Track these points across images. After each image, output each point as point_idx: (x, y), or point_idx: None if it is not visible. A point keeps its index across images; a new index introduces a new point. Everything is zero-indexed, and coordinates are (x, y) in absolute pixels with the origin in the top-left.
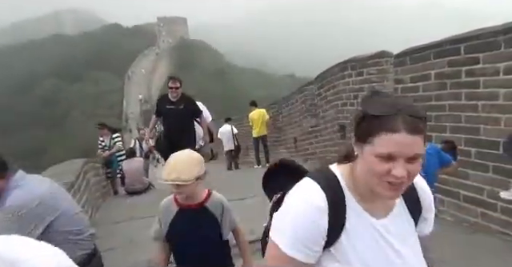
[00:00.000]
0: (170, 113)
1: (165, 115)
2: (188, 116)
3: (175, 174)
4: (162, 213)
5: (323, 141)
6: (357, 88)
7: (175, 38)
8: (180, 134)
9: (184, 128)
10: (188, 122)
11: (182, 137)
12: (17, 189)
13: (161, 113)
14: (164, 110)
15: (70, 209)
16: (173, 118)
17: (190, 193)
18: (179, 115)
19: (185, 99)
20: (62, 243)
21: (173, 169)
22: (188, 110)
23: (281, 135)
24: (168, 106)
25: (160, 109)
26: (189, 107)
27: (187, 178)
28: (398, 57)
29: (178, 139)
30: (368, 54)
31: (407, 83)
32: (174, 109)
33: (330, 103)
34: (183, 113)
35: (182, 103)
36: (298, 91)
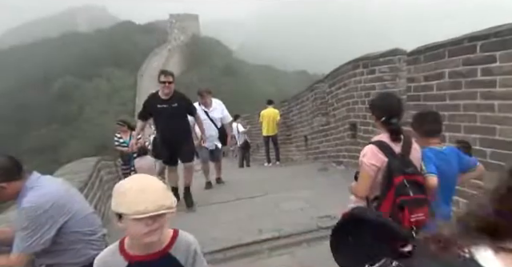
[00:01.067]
0: (164, 113)
1: (157, 116)
2: (183, 115)
3: (155, 202)
4: None
5: (334, 140)
6: (368, 86)
7: (187, 35)
8: (179, 136)
9: (182, 128)
10: (185, 122)
11: (182, 140)
12: (32, 190)
13: (151, 114)
14: (156, 110)
15: (82, 209)
16: (168, 119)
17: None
18: (174, 114)
19: (178, 96)
20: (75, 243)
21: (148, 196)
22: (182, 108)
23: (291, 133)
24: (160, 105)
25: (151, 110)
26: (183, 104)
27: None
28: (411, 54)
29: (177, 142)
30: (380, 52)
31: (420, 82)
32: (168, 109)
33: (341, 101)
34: (178, 111)
35: (175, 101)
36: (308, 89)
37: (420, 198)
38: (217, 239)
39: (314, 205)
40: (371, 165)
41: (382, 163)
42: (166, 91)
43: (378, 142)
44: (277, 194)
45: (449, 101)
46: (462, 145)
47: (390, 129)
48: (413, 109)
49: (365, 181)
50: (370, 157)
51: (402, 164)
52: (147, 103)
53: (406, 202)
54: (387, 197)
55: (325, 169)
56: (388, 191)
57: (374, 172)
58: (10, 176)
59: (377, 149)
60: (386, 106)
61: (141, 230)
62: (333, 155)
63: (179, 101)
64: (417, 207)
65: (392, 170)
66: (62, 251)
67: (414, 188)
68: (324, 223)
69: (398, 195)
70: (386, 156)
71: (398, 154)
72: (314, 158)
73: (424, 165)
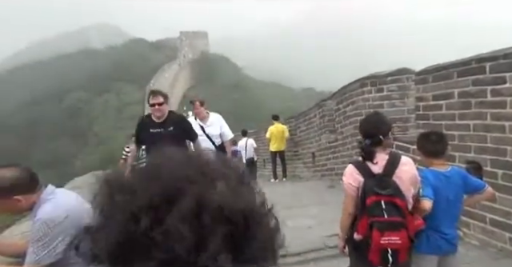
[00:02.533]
0: (156, 139)
1: (148, 142)
2: (182, 140)
3: None
4: None
5: (341, 157)
6: (377, 104)
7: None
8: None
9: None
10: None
11: None
12: (47, 202)
13: (142, 141)
14: (147, 136)
15: None
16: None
17: None
18: (169, 141)
19: (174, 118)
20: None
21: None
22: (180, 133)
23: (298, 149)
24: (152, 130)
25: (142, 135)
26: (180, 128)
27: None
28: (419, 74)
29: None
30: (388, 71)
31: (429, 101)
32: (162, 133)
33: (348, 119)
34: (174, 137)
35: (170, 124)
36: (316, 106)
37: (395, 221)
38: None
39: (322, 222)
40: (349, 185)
41: (359, 183)
42: (156, 114)
43: (356, 162)
44: (284, 211)
45: (458, 120)
46: (473, 165)
47: (361, 149)
48: (422, 127)
49: (347, 199)
50: (348, 177)
51: (378, 184)
52: (139, 127)
53: (376, 224)
54: (362, 217)
55: (332, 187)
56: (363, 211)
57: (353, 191)
58: (26, 188)
59: (354, 169)
60: (364, 127)
61: None
62: (340, 172)
63: (176, 124)
64: (390, 230)
65: (366, 191)
66: (73, 264)
67: (390, 210)
68: (332, 242)
69: (369, 216)
70: (363, 176)
71: (377, 174)
72: (321, 175)
73: (421, 187)
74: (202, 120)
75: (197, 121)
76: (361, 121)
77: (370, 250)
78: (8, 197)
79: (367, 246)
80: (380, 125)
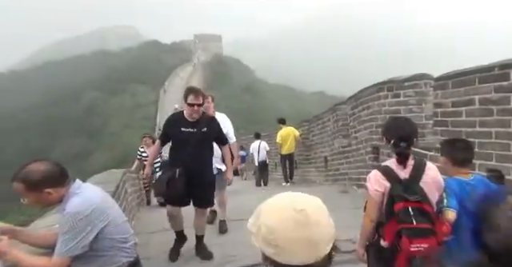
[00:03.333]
0: (187, 139)
1: (178, 141)
2: (210, 143)
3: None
4: None
5: (355, 162)
6: (393, 109)
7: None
8: (203, 171)
9: (208, 161)
10: (211, 152)
11: (205, 175)
12: (75, 196)
13: (171, 138)
14: (177, 134)
15: (117, 217)
16: (191, 146)
17: None
18: (200, 142)
19: (206, 119)
20: (110, 249)
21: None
22: (211, 134)
23: (311, 153)
24: (184, 129)
25: (172, 133)
26: (213, 130)
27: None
28: (438, 80)
29: (199, 177)
30: (406, 76)
31: (448, 107)
32: (195, 134)
33: (363, 124)
34: (207, 138)
35: (203, 124)
36: (330, 110)
37: (424, 228)
38: (237, 256)
39: (335, 227)
40: (375, 191)
41: (385, 189)
42: (194, 116)
43: (382, 167)
44: None
45: (479, 128)
46: (494, 174)
47: (398, 152)
48: (440, 134)
49: (371, 205)
50: (373, 183)
51: (406, 190)
52: (169, 124)
53: (405, 230)
54: (390, 223)
55: (345, 192)
56: (390, 218)
57: (378, 197)
58: (57, 182)
59: (380, 175)
60: (396, 129)
61: None
62: (354, 178)
63: (209, 124)
64: (419, 237)
65: (393, 197)
66: (97, 257)
67: (419, 216)
68: (345, 247)
69: (399, 222)
70: (389, 181)
71: (404, 180)
72: (333, 180)
73: (445, 198)
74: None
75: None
76: (388, 123)
77: (398, 258)
78: (40, 190)
79: (393, 253)
80: (414, 128)
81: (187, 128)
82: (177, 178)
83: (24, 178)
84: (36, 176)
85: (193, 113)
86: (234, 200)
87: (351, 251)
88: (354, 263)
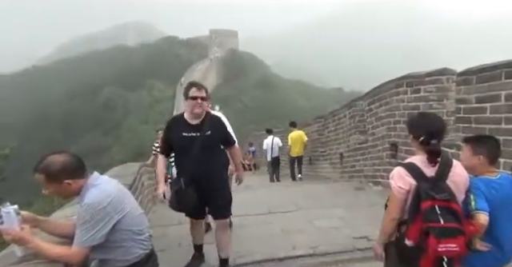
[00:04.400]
0: (192, 146)
1: (180, 148)
2: (219, 147)
3: None
4: None
5: (371, 159)
6: (412, 105)
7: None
8: (213, 179)
9: (217, 167)
10: (221, 157)
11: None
12: (93, 188)
13: (172, 147)
14: (178, 140)
15: (133, 209)
16: (197, 153)
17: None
18: (207, 147)
19: (211, 119)
20: (126, 241)
21: None
22: (217, 137)
23: (326, 150)
24: (186, 134)
25: (171, 139)
26: (218, 132)
27: None
28: (461, 75)
29: (209, 187)
30: (427, 71)
31: (472, 103)
32: (198, 139)
33: (380, 120)
34: (212, 142)
35: (207, 127)
36: (346, 106)
37: (453, 227)
38: (250, 251)
39: (350, 224)
40: (399, 188)
41: (410, 186)
42: (196, 111)
43: (406, 164)
44: (310, 210)
45: (504, 125)
46: None
47: (429, 150)
48: (462, 131)
49: (394, 203)
50: (397, 180)
51: (433, 188)
52: (168, 130)
53: (432, 230)
54: (415, 222)
55: (361, 189)
56: (416, 216)
57: (402, 195)
58: (76, 174)
59: (404, 172)
60: (426, 125)
61: None
62: (370, 174)
63: (214, 126)
64: (448, 237)
65: (420, 194)
66: (114, 248)
67: (447, 215)
68: (361, 244)
69: (425, 221)
70: (415, 179)
71: (431, 178)
72: (349, 177)
73: (473, 200)
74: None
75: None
76: (416, 120)
77: (423, 258)
78: (59, 181)
79: (418, 253)
80: (444, 124)
81: (189, 132)
82: (183, 189)
83: (44, 169)
84: (55, 167)
85: (195, 107)
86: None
87: (366, 248)
88: (369, 261)
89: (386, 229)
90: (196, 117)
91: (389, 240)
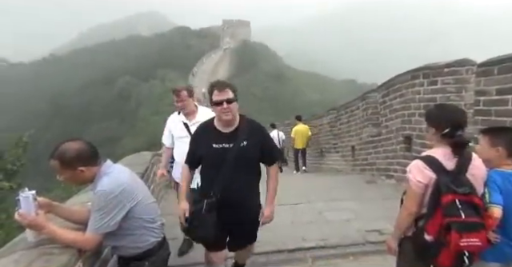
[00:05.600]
0: (221, 159)
1: (208, 162)
2: (255, 163)
3: None
4: None
5: (384, 152)
6: (428, 98)
7: (238, 41)
8: (239, 202)
9: (246, 190)
10: (254, 177)
11: (248, 209)
12: (106, 176)
13: (200, 161)
14: (207, 152)
15: (145, 198)
16: (226, 169)
17: None
18: (239, 162)
19: (248, 126)
20: (138, 229)
21: None
22: (256, 152)
23: (338, 142)
24: (216, 145)
25: (200, 150)
26: (257, 142)
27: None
28: (482, 66)
29: (234, 211)
30: (445, 62)
31: (492, 95)
32: (229, 151)
33: (395, 112)
34: (247, 158)
35: (243, 136)
36: (359, 98)
37: (474, 222)
38: (260, 242)
39: (361, 217)
40: (417, 182)
41: (430, 180)
42: (225, 118)
43: (425, 157)
44: (320, 203)
45: None
46: None
47: (455, 142)
48: (481, 124)
49: (412, 198)
50: (416, 174)
51: (454, 182)
52: (196, 139)
53: (454, 224)
54: (434, 216)
55: (373, 182)
56: (435, 210)
57: (420, 189)
58: (89, 161)
59: (423, 165)
60: (449, 117)
61: None
62: (382, 168)
63: (251, 135)
64: (469, 231)
65: (440, 188)
66: (126, 235)
67: (468, 209)
68: (373, 237)
69: (446, 216)
70: (435, 172)
71: (451, 171)
72: (360, 170)
73: (487, 192)
74: (187, 115)
75: (180, 117)
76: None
77: (443, 253)
78: (73, 167)
79: (437, 249)
80: (466, 115)
81: (220, 143)
82: (204, 214)
83: (59, 156)
84: (70, 154)
85: (223, 114)
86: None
87: (378, 242)
88: (381, 254)
89: (401, 224)
90: (228, 125)
91: (404, 235)
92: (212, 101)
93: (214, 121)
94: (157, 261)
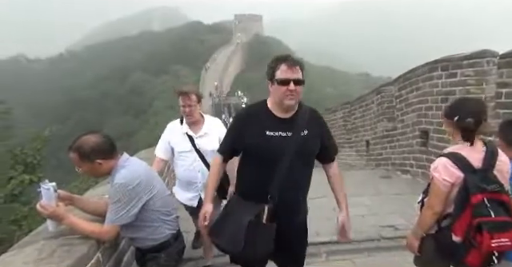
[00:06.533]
0: (278, 151)
1: (260, 155)
2: (313, 159)
3: None
4: None
5: (400, 147)
6: (447, 91)
7: (250, 35)
8: (297, 206)
9: (303, 190)
10: (309, 178)
11: (298, 212)
12: (123, 168)
13: (245, 149)
14: (260, 142)
15: (161, 191)
16: (284, 164)
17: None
18: (301, 156)
19: (308, 113)
20: (154, 221)
21: None
22: (317, 144)
23: (352, 137)
24: (271, 132)
25: (246, 138)
26: (318, 134)
27: None
28: (504, 57)
29: (290, 217)
30: (465, 53)
31: None
32: (288, 141)
33: (411, 106)
34: (308, 150)
35: (303, 123)
36: (374, 91)
37: (504, 221)
38: None
39: (376, 213)
40: (443, 181)
41: (457, 178)
42: (288, 103)
43: (451, 154)
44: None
45: None
46: None
47: (462, 127)
48: (502, 117)
49: (437, 196)
50: (442, 172)
51: (483, 180)
52: (239, 124)
53: (486, 225)
54: (462, 216)
55: (388, 177)
56: (463, 210)
57: (446, 188)
58: (107, 154)
59: (450, 163)
60: (462, 106)
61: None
62: (397, 163)
63: (312, 124)
64: (500, 231)
65: (469, 187)
66: (143, 227)
67: (497, 208)
68: (387, 233)
69: (476, 216)
70: (462, 170)
71: (479, 169)
72: (375, 165)
73: (510, 185)
74: (192, 125)
75: (182, 128)
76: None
77: (471, 253)
78: (91, 160)
79: (464, 249)
80: (484, 107)
81: (276, 130)
82: (263, 225)
83: (77, 148)
84: (88, 147)
85: (286, 98)
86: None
87: (393, 237)
88: (396, 250)
89: (425, 223)
90: (287, 110)
91: (426, 233)
92: (275, 77)
93: (268, 103)
94: (172, 253)
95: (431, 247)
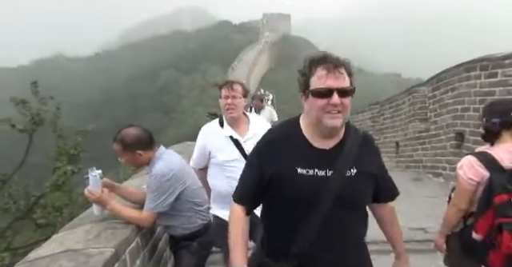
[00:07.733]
0: (312, 196)
1: (290, 201)
2: (365, 206)
3: None
4: None
5: (432, 149)
6: (485, 91)
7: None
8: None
9: (353, 249)
10: (363, 230)
11: None
12: (160, 160)
13: (270, 190)
14: (288, 183)
15: (193, 182)
16: (323, 215)
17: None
18: (344, 202)
19: (357, 142)
20: (188, 211)
21: None
22: (370, 185)
23: (380, 138)
24: (303, 170)
25: (272, 181)
26: (371, 172)
27: None
28: None
29: None
30: (507, 53)
31: None
32: (328, 182)
33: (446, 107)
34: (357, 196)
35: (351, 157)
36: (405, 92)
37: None
38: None
39: (406, 215)
40: (468, 180)
41: (482, 177)
42: (331, 123)
43: (479, 153)
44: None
45: None
46: None
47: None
48: None
49: (461, 194)
50: (467, 170)
51: (510, 180)
52: (261, 159)
53: (506, 226)
54: (485, 216)
55: (419, 180)
56: (486, 210)
57: (472, 186)
58: (146, 146)
59: (476, 162)
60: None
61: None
62: (429, 165)
63: (365, 155)
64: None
65: (493, 187)
66: (177, 216)
67: None
68: (418, 236)
69: (498, 216)
70: (488, 169)
71: (508, 168)
72: (405, 167)
73: None
74: (236, 126)
75: (223, 130)
76: (495, 102)
77: (493, 253)
78: (132, 151)
79: (486, 248)
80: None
81: (311, 167)
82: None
83: (121, 140)
84: (129, 138)
85: (327, 115)
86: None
87: (423, 240)
88: (427, 253)
89: (450, 221)
90: (330, 135)
91: (451, 231)
92: (311, 86)
93: (301, 124)
94: (203, 243)
95: (457, 245)
